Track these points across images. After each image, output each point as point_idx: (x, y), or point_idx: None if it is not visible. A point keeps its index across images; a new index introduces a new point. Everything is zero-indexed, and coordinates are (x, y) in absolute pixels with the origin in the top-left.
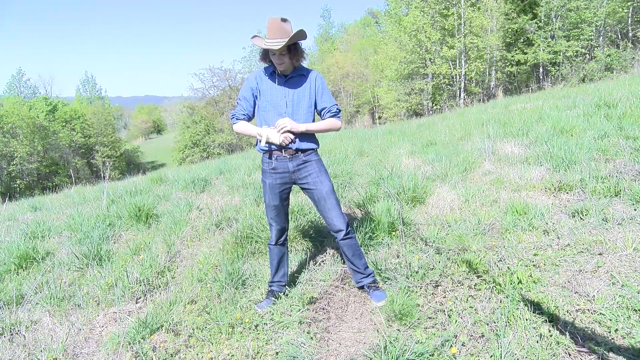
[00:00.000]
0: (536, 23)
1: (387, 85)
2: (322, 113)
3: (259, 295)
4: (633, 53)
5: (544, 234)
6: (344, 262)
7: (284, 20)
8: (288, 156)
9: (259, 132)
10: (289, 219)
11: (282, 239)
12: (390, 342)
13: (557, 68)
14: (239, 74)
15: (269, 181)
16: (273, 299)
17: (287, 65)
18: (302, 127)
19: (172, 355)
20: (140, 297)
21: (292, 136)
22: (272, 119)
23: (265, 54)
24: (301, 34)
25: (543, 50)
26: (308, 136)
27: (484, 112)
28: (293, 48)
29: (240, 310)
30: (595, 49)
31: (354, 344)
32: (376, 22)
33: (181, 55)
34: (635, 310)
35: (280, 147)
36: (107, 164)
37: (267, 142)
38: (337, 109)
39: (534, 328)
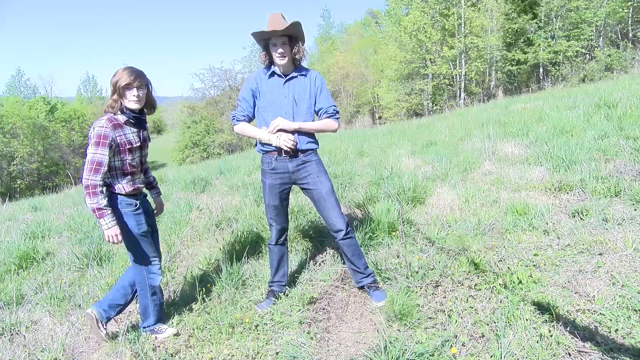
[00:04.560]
0: (536, 23)
1: (387, 86)
2: (319, 113)
3: (259, 296)
4: (633, 53)
5: (544, 234)
6: (344, 262)
7: (283, 16)
8: (288, 157)
9: (268, 138)
10: (289, 219)
11: (282, 239)
12: (390, 343)
13: (557, 68)
14: (239, 74)
15: (269, 181)
16: (273, 299)
17: (288, 60)
18: (295, 125)
19: (172, 355)
20: None
21: (291, 136)
22: (272, 119)
23: (266, 52)
24: (299, 26)
25: (543, 50)
26: (308, 137)
27: (484, 112)
28: (294, 40)
29: (240, 310)
30: (596, 49)
31: (354, 344)
32: (376, 22)
33: (181, 55)
34: (635, 310)
35: (281, 150)
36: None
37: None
38: (334, 110)
39: (534, 328)
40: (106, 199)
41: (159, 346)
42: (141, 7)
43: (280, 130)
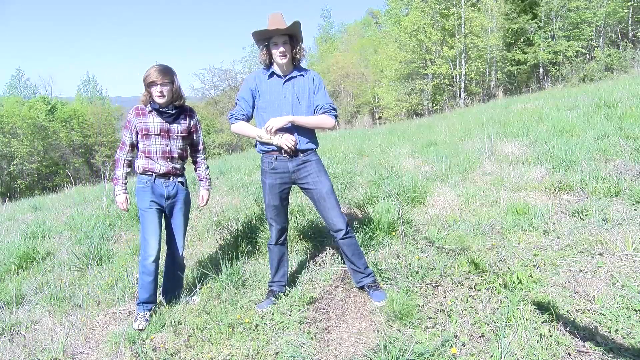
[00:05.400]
0: (536, 23)
1: (387, 85)
2: (315, 111)
3: (259, 295)
4: (633, 53)
5: (544, 234)
6: (344, 262)
7: (282, 17)
8: (287, 156)
9: (269, 137)
10: (289, 218)
11: (282, 238)
12: (390, 342)
13: (557, 68)
14: (239, 74)
15: (269, 181)
16: (273, 299)
17: (289, 59)
18: (289, 117)
19: (172, 355)
20: None
21: (292, 136)
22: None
23: (266, 52)
24: (299, 26)
25: (543, 50)
26: (308, 136)
27: (484, 112)
28: (295, 40)
29: (240, 310)
30: (596, 49)
31: (354, 344)
32: (376, 22)
33: (181, 55)
34: (635, 310)
35: (282, 149)
36: (107, 164)
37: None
38: (330, 106)
39: (534, 328)
40: (123, 170)
41: (159, 346)
42: (141, 7)
43: (278, 130)
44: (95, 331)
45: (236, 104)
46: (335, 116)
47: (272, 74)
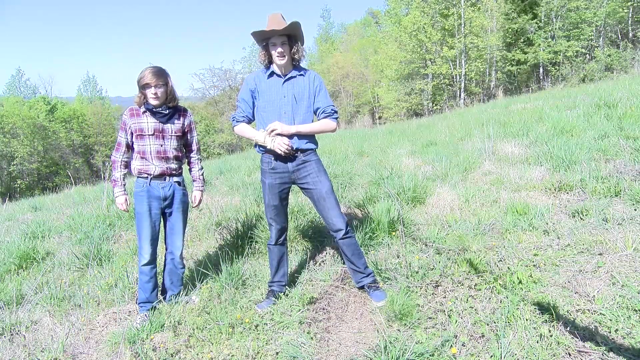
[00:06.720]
0: (536, 23)
1: (387, 86)
2: (317, 113)
3: (259, 295)
4: (633, 53)
5: (544, 234)
6: (344, 262)
7: (282, 17)
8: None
9: (264, 141)
10: (289, 218)
11: (282, 238)
12: (390, 342)
13: (557, 68)
14: (239, 74)
15: (269, 181)
16: (273, 299)
17: (287, 60)
18: (292, 129)
19: (172, 355)
20: None
21: (286, 140)
22: (272, 120)
23: (265, 52)
24: (298, 26)
25: (543, 50)
26: (307, 136)
27: (484, 112)
28: (294, 40)
29: (240, 310)
30: (596, 49)
31: (354, 344)
32: (376, 22)
33: (181, 55)
34: (635, 310)
35: (276, 154)
36: (107, 164)
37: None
38: (331, 109)
39: (534, 328)
40: (120, 172)
41: (159, 346)
42: (141, 7)
43: (277, 135)
44: (95, 331)
45: (237, 106)
46: (336, 119)
47: (272, 73)
